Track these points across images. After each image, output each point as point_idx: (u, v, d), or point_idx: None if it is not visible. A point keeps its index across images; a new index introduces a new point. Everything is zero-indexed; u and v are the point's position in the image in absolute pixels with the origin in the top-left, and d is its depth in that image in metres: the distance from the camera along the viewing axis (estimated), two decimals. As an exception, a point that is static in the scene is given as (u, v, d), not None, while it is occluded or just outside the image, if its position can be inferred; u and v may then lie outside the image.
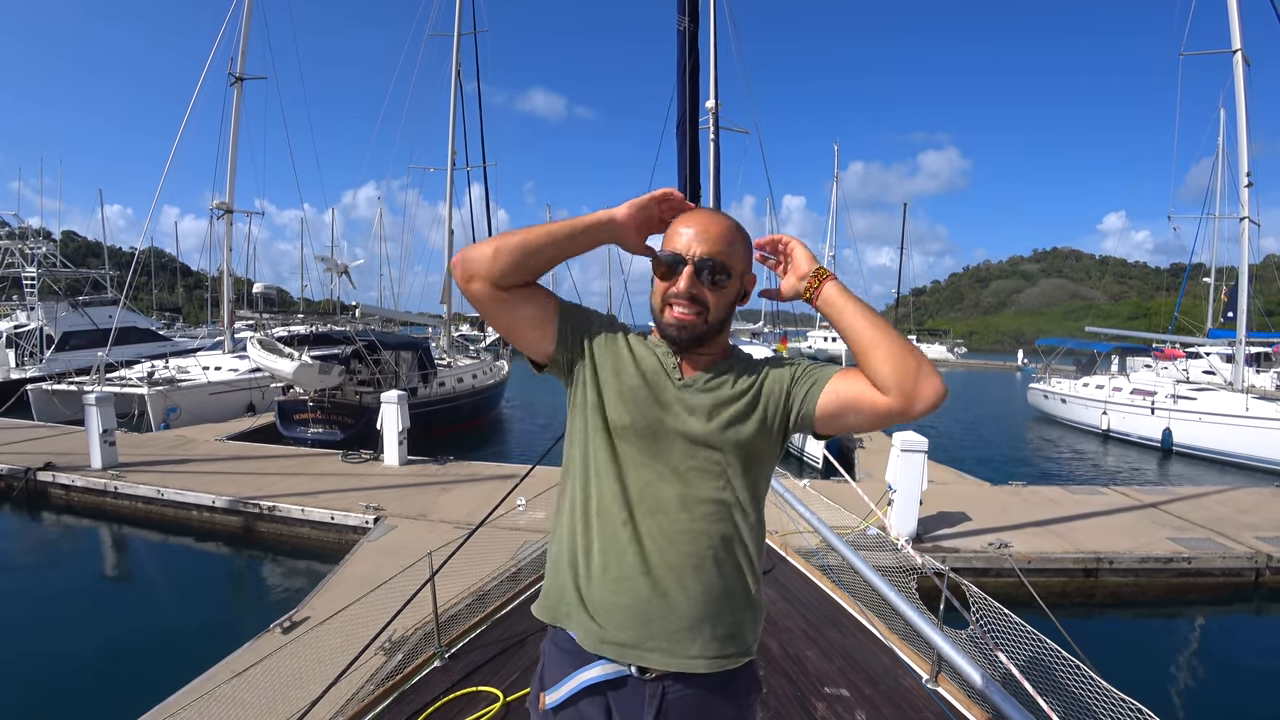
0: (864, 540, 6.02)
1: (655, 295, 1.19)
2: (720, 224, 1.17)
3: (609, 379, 1.19)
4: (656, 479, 1.14)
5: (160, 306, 46.51)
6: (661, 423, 1.15)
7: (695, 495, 1.13)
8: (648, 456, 1.15)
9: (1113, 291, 78.76)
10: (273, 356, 11.65)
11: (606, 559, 1.14)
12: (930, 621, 2.96)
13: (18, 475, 8.73)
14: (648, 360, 1.20)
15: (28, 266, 21.20)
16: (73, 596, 6.26)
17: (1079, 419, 17.48)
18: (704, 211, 1.21)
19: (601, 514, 1.16)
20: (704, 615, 1.12)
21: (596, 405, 1.18)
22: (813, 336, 44.58)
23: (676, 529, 1.12)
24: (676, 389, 1.17)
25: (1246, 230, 13.77)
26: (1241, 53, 13.27)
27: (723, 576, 1.14)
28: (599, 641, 1.14)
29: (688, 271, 1.14)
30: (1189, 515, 7.46)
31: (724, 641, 1.14)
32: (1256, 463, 12.53)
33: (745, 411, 1.16)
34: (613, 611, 1.13)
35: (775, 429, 1.19)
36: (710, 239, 1.15)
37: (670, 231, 1.20)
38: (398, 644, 3.74)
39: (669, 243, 1.18)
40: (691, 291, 1.14)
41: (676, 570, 1.11)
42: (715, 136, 11.70)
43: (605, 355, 1.21)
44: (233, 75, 16.44)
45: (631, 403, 1.16)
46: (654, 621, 1.11)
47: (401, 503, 7.50)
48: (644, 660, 1.12)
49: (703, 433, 1.14)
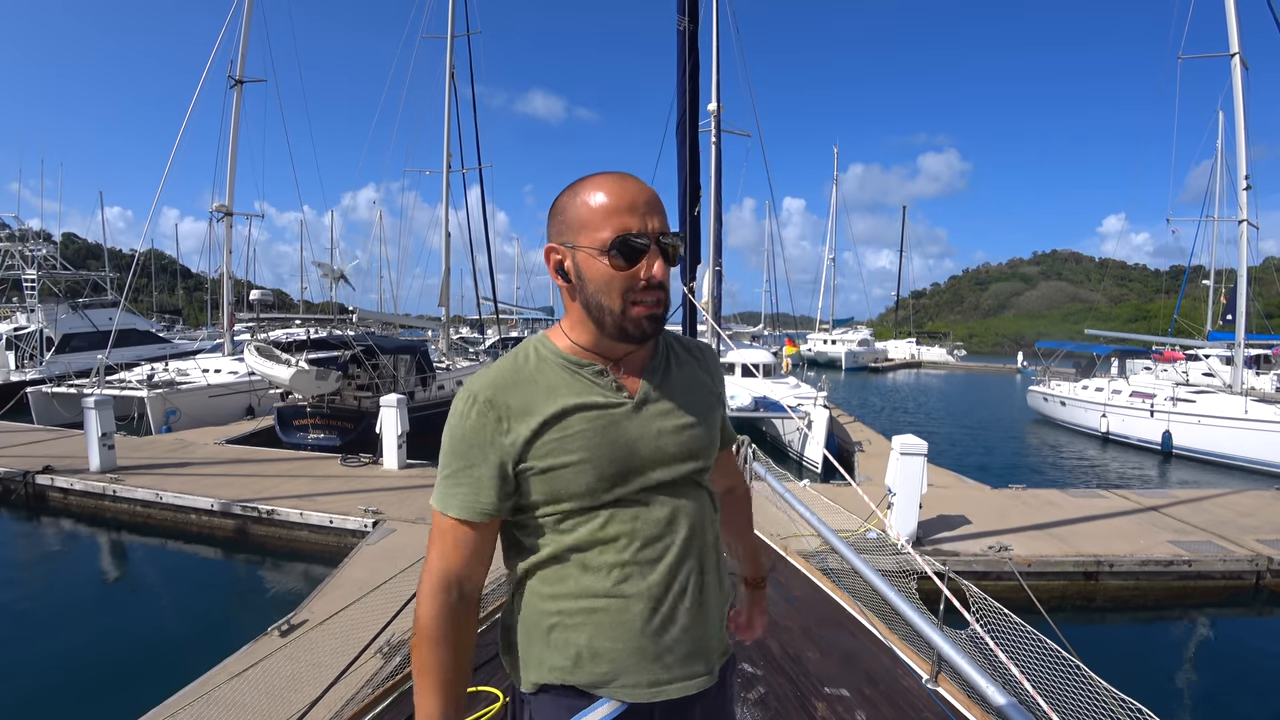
0: (864, 542, 6.02)
1: (608, 293, 0.94)
2: (650, 189, 0.96)
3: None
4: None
5: (160, 309, 46.58)
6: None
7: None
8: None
9: (1112, 294, 78.81)
10: (269, 363, 11.64)
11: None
12: (930, 621, 2.95)
13: (16, 478, 8.71)
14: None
15: (28, 269, 21.22)
16: (71, 600, 6.24)
17: (1078, 422, 17.48)
18: (618, 176, 0.96)
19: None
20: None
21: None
22: (812, 339, 44.54)
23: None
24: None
25: (1245, 233, 13.79)
26: (1240, 56, 13.32)
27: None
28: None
29: (658, 255, 0.93)
30: (1189, 518, 7.45)
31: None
32: (1256, 465, 12.52)
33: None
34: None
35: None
36: (659, 209, 0.95)
37: (594, 207, 0.93)
38: (396, 646, 3.74)
39: (605, 224, 0.92)
40: (664, 279, 0.94)
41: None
42: (717, 139, 11.75)
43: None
44: (232, 78, 16.50)
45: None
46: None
47: (400, 506, 7.49)
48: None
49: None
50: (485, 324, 24.40)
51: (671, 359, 1.08)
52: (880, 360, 45.64)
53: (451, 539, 0.98)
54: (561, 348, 1.01)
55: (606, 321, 0.96)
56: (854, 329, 47.74)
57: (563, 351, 1.01)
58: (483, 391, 0.97)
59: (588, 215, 0.93)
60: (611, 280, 0.93)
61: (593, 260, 0.93)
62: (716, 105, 11.58)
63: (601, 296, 0.94)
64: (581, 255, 0.94)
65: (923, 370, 44.32)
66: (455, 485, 0.97)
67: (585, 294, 0.96)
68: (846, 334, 45.24)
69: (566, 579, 0.99)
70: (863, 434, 13.63)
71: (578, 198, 0.95)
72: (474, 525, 0.98)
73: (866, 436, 13.28)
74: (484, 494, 0.96)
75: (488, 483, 0.96)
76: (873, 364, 43.30)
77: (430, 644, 0.98)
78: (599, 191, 0.93)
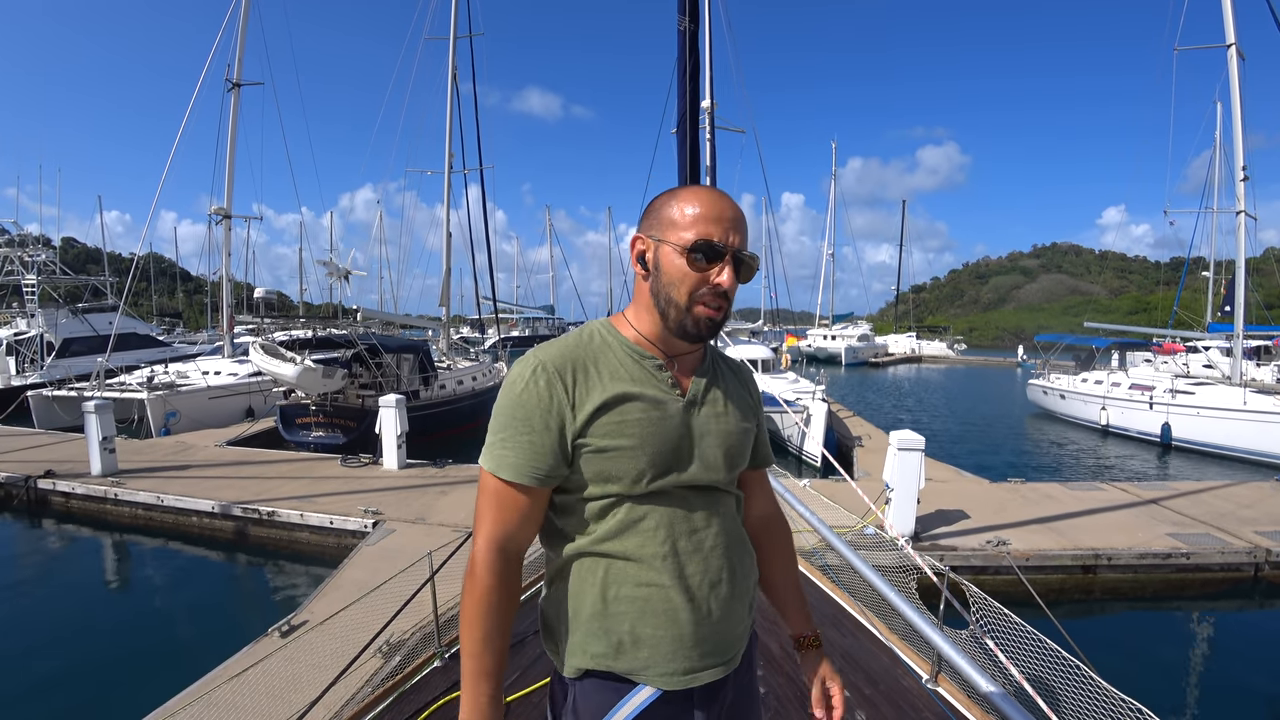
0: (863, 539, 6.03)
1: (679, 287, 1.00)
2: (740, 210, 1.03)
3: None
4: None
5: (160, 312, 46.62)
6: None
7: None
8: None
9: (1113, 286, 78.71)
10: (275, 361, 11.64)
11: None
12: (930, 621, 2.95)
13: (18, 483, 8.73)
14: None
15: (28, 274, 21.25)
16: (74, 603, 6.26)
17: (1078, 414, 17.48)
18: (714, 192, 1.04)
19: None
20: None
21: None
22: (812, 335, 44.48)
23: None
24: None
25: (1243, 224, 13.77)
26: (1236, 47, 13.28)
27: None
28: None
29: (730, 265, 1.00)
30: (1188, 510, 7.46)
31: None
32: (1256, 456, 12.52)
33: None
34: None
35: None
36: (742, 229, 1.02)
37: (687, 213, 1.01)
38: (396, 646, 3.75)
39: (692, 227, 1.00)
40: (729, 289, 1.01)
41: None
42: (711, 136, 11.75)
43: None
44: (230, 81, 16.49)
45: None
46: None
47: (400, 506, 7.51)
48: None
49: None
50: (485, 324, 24.41)
51: (718, 370, 1.15)
52: (880, 355, 45.57)
53: (501, 501, 1.02)
54: (626, 336, 1.07)
55: (670, 314, 1.02)
56: (854, 324, 47.61)
57: (627, 340, 1.07)
58: (552, 361, 1.01)
59: (678, 216, 1.01)
60: (685, 277, 1.00)
61: (673, 256, 1.01)
62: (710, 102, 11.58)
63: (672, 290, 1.01)
64: (665, 249, 1.02)
65: (923, 365, 44.25)
66: (509, 448, 1.00)
67: (658, 284, 1.03)
68: (846, 329, 45.10)
69: (609, 568, 1.03)
70: (862, 429, 13.64)
71: (673, 201, 1.03)
72: (524, 490, 1.01)
73: (866, 431, 13.28)
74: (541, 459, 1.00)
75: (546, 450, 0.99)
76: (873, 359, 43.23)
77: (485, 604, 1.02)
78: (694, 198, 1.02)
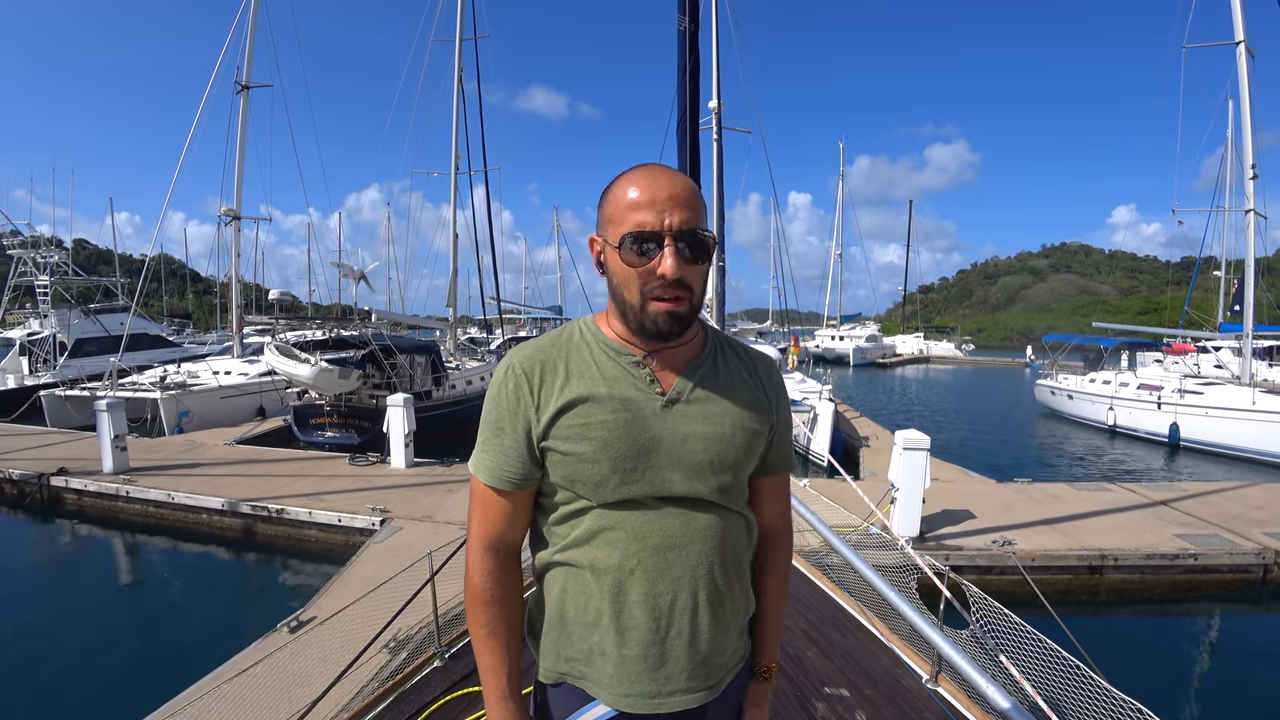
0: (865, 540, 6.03)
1: (627, 287, 0.94)
2: (682, 181, 0.94)
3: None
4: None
5: (170, 313, 46.96)
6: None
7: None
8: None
9: (1122, 286, 78.12)
10: (290, 362, 11.72)
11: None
12: (930, 622, 2.96)
13: (31, 481, 8.85)
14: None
15: (40, 275, 21.49)
16: (86, 599, 6.35)
17: (1086, 415, 17.36)
18: (649, 172, 0.94)
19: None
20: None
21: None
22: (820, 335, 44.34)
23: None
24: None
25: (1253, 223, 13.65)
26: (1245, 44, 13.15)
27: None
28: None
29: (669, 250, 0.90)
30: (1196, 511, 7.41)
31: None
32: (1265, 457, 12.41)
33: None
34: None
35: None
36: (684, 204, 0.91)
37: (621, 205, 0.93)
38: (402, 643, 3.79)
39: (626, 219, 0.91)
40: (679, 275, 0.91)
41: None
42: (718, 136, 11.75)
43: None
44: (239, 83, 16.63)
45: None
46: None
47: (407, 505, 7.56)
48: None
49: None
50: (492, 324, 24.49)
51: (719, 362, 1.05)
52: (888, 356, 45.39)
53: (485, 503, 1.02)
54: (605, 332, 1.02)
55: (629, 316, 0.96)
56: (862, 325, 47.44)
57: (605, 336, 1.02)
58: (520, 363, 0.99)
59: (613, 210, 0.94)
60: (628, 276, 0.93)
61: (614, 254, 0.94)
62: (717, 102, 11.59)
63: (622, 290, 0.95)
64: (609, 249, 0.95)
65: (931, 365, 44.05)
66: (486, 451, 1.00)
67: (611, 286, 0.98)
68: (854, 330, 44.96)
69: (575, 577, 0.99)
70: (869, 429, 13.60)
71: (612, 191, 0.96)
72: (504, 493, 1.00)
73: (873, 431, 13.25)
74: (510, 463, 0.98)
75: (514, 452, 0.98)
76: (881, 360, 43.05)
77: (480, 603, 1.02)
78: (630, 186, 0.93)
